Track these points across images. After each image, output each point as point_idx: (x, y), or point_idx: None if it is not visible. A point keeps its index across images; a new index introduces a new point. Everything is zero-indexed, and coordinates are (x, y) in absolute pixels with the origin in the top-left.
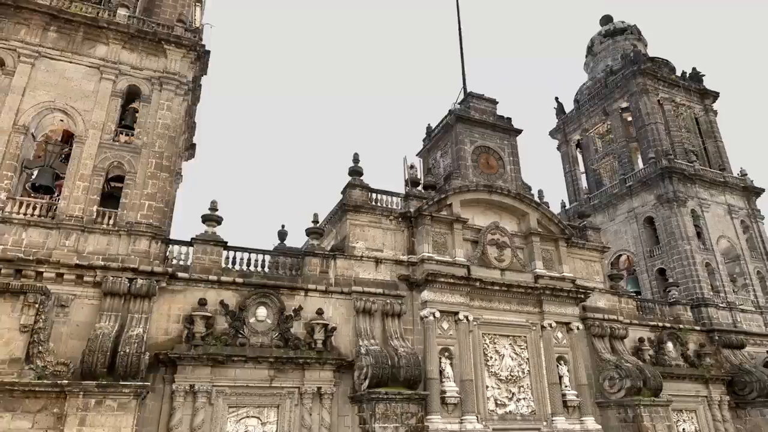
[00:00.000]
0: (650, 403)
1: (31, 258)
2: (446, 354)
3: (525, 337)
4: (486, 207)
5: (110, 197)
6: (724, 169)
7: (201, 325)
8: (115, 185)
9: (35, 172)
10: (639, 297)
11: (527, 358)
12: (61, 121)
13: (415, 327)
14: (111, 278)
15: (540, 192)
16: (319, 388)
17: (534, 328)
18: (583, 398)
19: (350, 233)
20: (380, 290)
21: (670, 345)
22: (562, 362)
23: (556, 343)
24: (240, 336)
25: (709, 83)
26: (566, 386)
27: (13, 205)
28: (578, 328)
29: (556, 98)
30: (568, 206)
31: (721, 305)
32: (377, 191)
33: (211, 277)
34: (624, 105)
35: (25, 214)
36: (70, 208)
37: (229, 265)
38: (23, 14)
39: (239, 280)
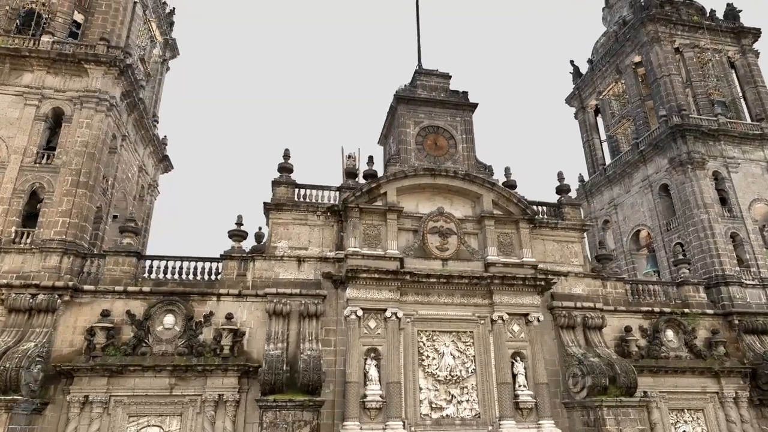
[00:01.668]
0: (615, 404)
1: None
2: (373, 355)
3: (471, 332)
4: (433, 192)
5: (36, 216)
6: (763, 119)
7: (102, 336)
8: (41, 205)
9: None
10: (633, 279)
11: (473, 356)
12: None
13: (338, 327)
14: (14, 295)
15: (507, 170)
16: (221, 396)
17: (482, 322)
18: (541, 399)
19: (272, 232)
20: (297, 291)
21: (670, 333)
22: (518, 359)
23: (511, 337)
24: (143, 345)
25: (747, 20)
26: (521, 386)
27: None
28: (539, 320)
29: (572, 61)
30: (587, 179)
31: (748, 282)
32: (306, 186)
33: (117, 288)
34: (636, 59)
35: None
36: None
37: (145, 275)
38: None
39: (146, 289)
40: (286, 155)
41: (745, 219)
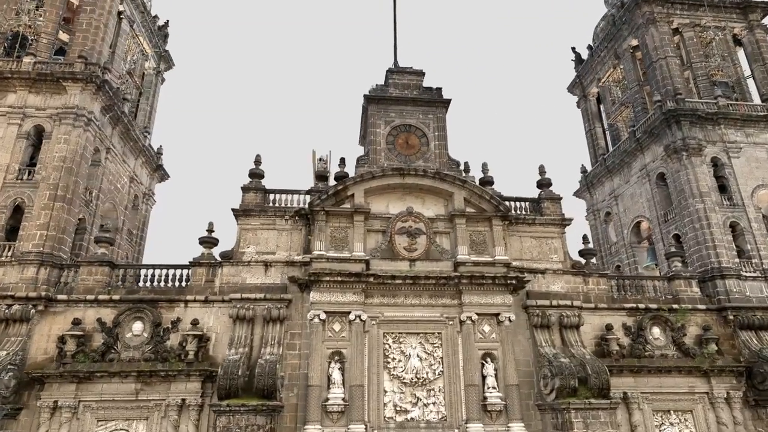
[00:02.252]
0: (584, 406)
1: None
2: (337, 358)
3: (439, 333)
4: (404, 192)
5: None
6: None
7: (72, 343)
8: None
9: None
10: (620, 275)
11: (441, 358)
12: None
13: (304, 331)
14: None
15: (484, 165)
16: (183, 400)
17: (450, 323)
18: (510, 401)
19: (241, 238)
20: (261, 295)
21: (656, 331)
22: (489, 360)
23: (482, 338)
24: (112, 352)
25: None
26: (490, 387)
27: None
28: (510, 320)
29: (573, 48)
30: (589, 170)
31: (748, 275)
32: (275, 191)
33: (89, 297)
34: (633, 43)
35: None
36: None
37: (119, 283)
38: None
39: (116, 297)
40: (257, 161)
41: (746, 207)
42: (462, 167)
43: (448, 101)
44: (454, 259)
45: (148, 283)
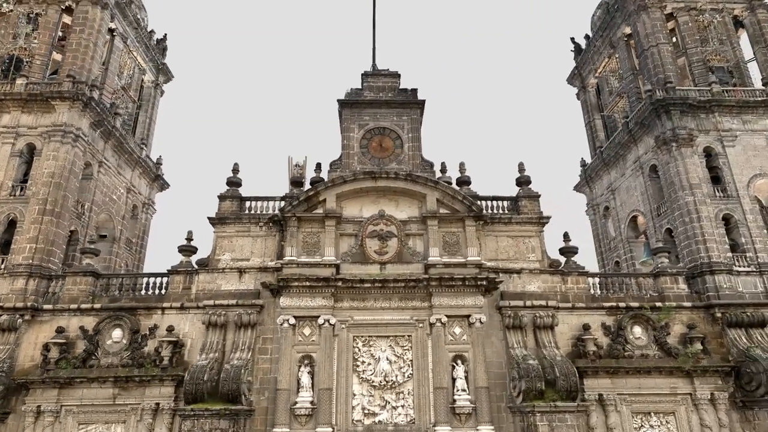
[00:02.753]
0: (550, 409)
1: None
2: (307, 362)
3: (409, 336)
4: (378, 195)
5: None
6: None
7: (56, 351)
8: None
9: None
10: (602, 273)
11: (411, 360)
12: None
13: (275, 336)
14: None
15: (461, 165)
16: (158, 404)
17: (420, 325)
18: (480, 404)
19: (217, 245)
20: (234, 301)
21: (637, 330)
22: (459, 362)
23: (452, 340)
24: (93, 358)
25: None
26: (459, 390)
27: None
28: (481, 321)
29: (572, 38)
30: (588, 163)
31: (741, 270)
32: (251, 198)
33: (72, 306)
34: (627, 30)
35: None
36: None
37: (102, 292)
38: None
39: (97, 306)
40: (235, 169)
41: (741, 198)
42: (439, 167)
43: (422, 102)
44: (425, 261)
45: (130, 292)
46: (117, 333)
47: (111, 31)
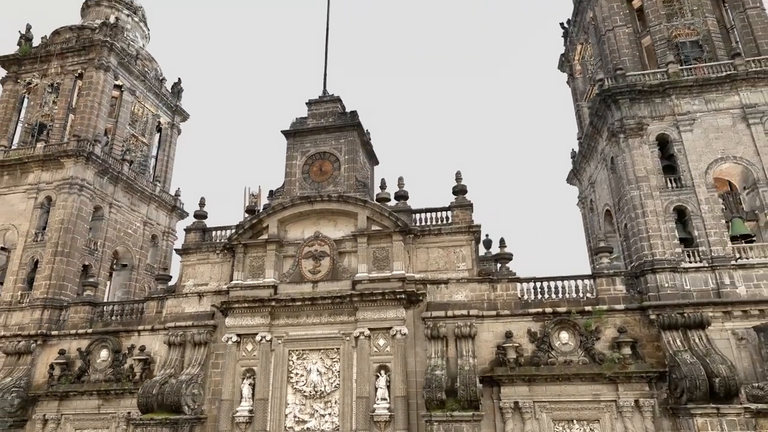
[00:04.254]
0: (446, 419)
1: None
2: (249, 375)
3: (338, 349)
4: (318, 217)
5: None
6: (738, 55)
7: (58, 369)
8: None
9: None
10: (535, 277)
11: (338, 372)
12: (6, 236)
13: (225, 352)
14: (6, 342)
15: (400, 180)
16: (129, 413)
17: (347, 338)
18: (396, 412)
19: (183, 273)
20: (191, 322)
21: (564, 335)
22: (383, 372)
23: (377, 351)
24: (85, 375)
25: None
26: (379, 399)
27: None
28: (401, 333)
29: (561, 24)
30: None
31: (690, 266)
32: (213, 228)
33: (72, 331)
34: (591, 14)
35: None
36: (5, 295)
37: (98, 318)
38: None
39: (89, 330)
40: (201, 203)
41: (696, 187)
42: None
43: (358, 124)
44: (353, 278)
45: (118, 317)
46: (104, 353)
47: (119, 87)
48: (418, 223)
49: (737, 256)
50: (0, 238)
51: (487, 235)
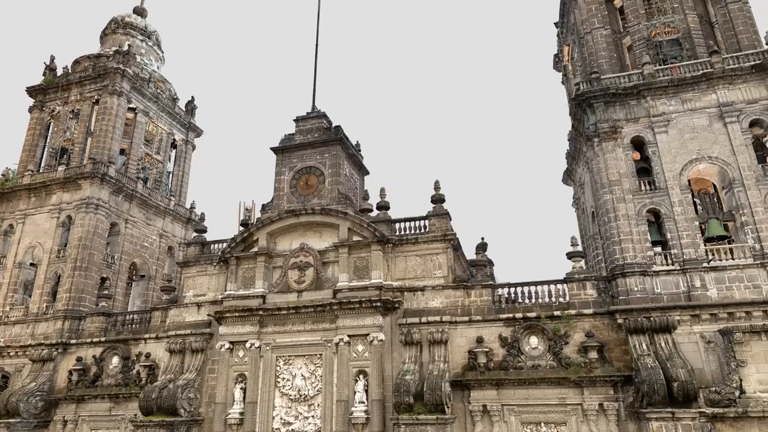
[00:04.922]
0: (412, 422)
1: (7, 344)
2: (240, 379)
3: (321, 355)
4: (305, 229)
5: None
6: (716, 52)
7: (75, 375)
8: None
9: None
10: (509, 283)
11: (321, 376)
12: (34, 253)
13: (219, 358)
14: (31, 351)
15: (382, 191)
16: (135, 415)
17: (329, 345)
18: (372, 415)
19: (184, 285)
20: (189, 331)
21: (534, 340)
22: (361, 377)
23: (356, 357)
24: (99, 380)
25: None
26: (357, 402)
27: (9, 311)
28: (378, 339)
29: (555, 23)
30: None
31: (662, 269)
32: (212, 242)
33: (87, 340)
34: (573, 17)
35: (11, 317)
36: (32, 307)
37: (112, 327)
38: (18, 194)
39: (103, 339)
40: (201, 218)
41: (670, 189)
42: (364, 195)
43: (341, 138)
44: (334, 287)
45: (129, 326)
46: (115, 359)
47: (133, 110)
48: (398, 232)
49: (710, 258)
50: (29, 254)
51: (482, 238)
